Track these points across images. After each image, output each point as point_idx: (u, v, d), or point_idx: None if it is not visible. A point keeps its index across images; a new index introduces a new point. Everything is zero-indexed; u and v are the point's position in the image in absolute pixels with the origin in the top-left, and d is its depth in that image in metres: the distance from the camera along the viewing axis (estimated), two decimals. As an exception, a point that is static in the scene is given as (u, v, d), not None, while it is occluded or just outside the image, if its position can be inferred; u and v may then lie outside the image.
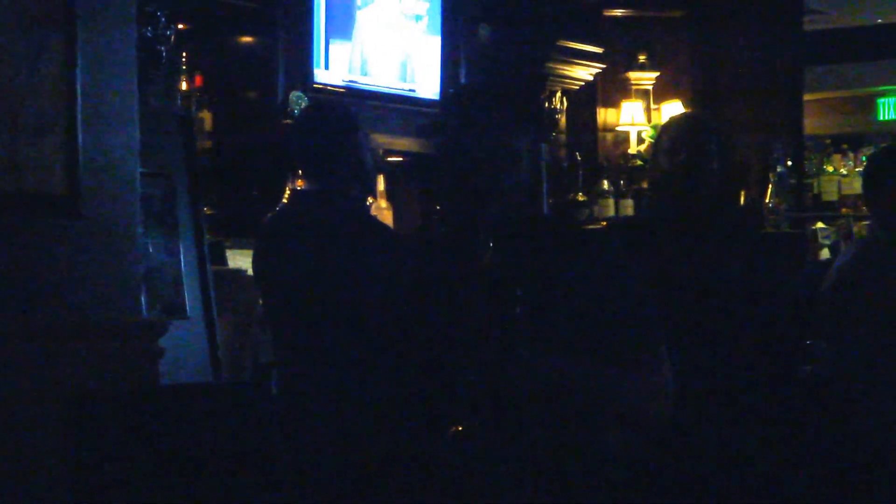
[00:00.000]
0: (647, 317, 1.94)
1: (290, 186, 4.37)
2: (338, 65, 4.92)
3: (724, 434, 2.76)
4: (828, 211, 6.36)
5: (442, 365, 1.94)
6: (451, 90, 2.18)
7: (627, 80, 6.77)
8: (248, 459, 3.01)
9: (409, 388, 2.03)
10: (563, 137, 6.33)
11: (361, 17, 5.03)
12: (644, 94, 6.79)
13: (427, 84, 5.32)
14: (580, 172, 6.26)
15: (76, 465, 2.81)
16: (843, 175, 6.44)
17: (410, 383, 2.03)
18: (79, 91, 2.94)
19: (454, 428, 1.87)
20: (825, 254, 5.82)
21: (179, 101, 4.32)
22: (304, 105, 4.55)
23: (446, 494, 1.91)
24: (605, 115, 6.72)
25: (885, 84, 10.22)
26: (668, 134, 2.91)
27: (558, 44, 6.11)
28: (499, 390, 1.87)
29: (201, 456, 2.94)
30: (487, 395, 1.87)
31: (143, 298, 3.15)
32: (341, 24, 4.95)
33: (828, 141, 6.77)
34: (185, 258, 3.79)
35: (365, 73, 5.06)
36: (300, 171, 3.93)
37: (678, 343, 2.71)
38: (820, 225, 6.09)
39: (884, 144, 6.73)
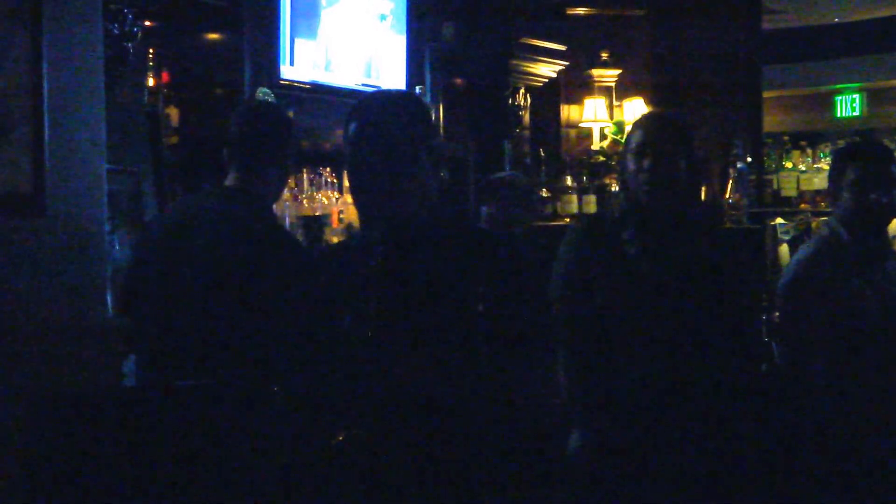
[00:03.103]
0: (545, 319, 1.97)
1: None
2: (303, 62, 4.94)
3: (689, 428, 2.76)
4: (787, 207, 6.45)
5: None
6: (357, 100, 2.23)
7: (590, 77, 6.83)
8: (207, 459, 2.99)
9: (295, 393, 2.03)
10: (526, 134, 6.37)
11: (326, 15, 5.06)
12: (606, 90, 6.85)
13: (392, 81, 5.35)
14: (543, 168, 6.32)
15: (37, 467, 2.75)
16: (802, 171, 6.53)
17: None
18: (45, 88, 2.92)
19: (338, 437, 1.86)
20: (784, 249, 5.90)
21: (146, 98, 4.32)
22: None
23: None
24: (568, 112, 6.78)
25: (842, 82, 10.36)
26: (636, 135, 2.88)
27: (522, 41, 6.14)
28: (386, 396, 1.86)
29: (163, 456, 2.93)
30: (373, 401, 1.85)
31: (108, 297, 3.15)
32: (307, 23, 4.97)
33: (786, 138, 6.84)
34: (152, 254, 3.79)
35: (330, 71, 5.09)
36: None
37: (645, 338, 2.78)
38: (779, 220, 6.15)
39: (841, 141, 6.88)
